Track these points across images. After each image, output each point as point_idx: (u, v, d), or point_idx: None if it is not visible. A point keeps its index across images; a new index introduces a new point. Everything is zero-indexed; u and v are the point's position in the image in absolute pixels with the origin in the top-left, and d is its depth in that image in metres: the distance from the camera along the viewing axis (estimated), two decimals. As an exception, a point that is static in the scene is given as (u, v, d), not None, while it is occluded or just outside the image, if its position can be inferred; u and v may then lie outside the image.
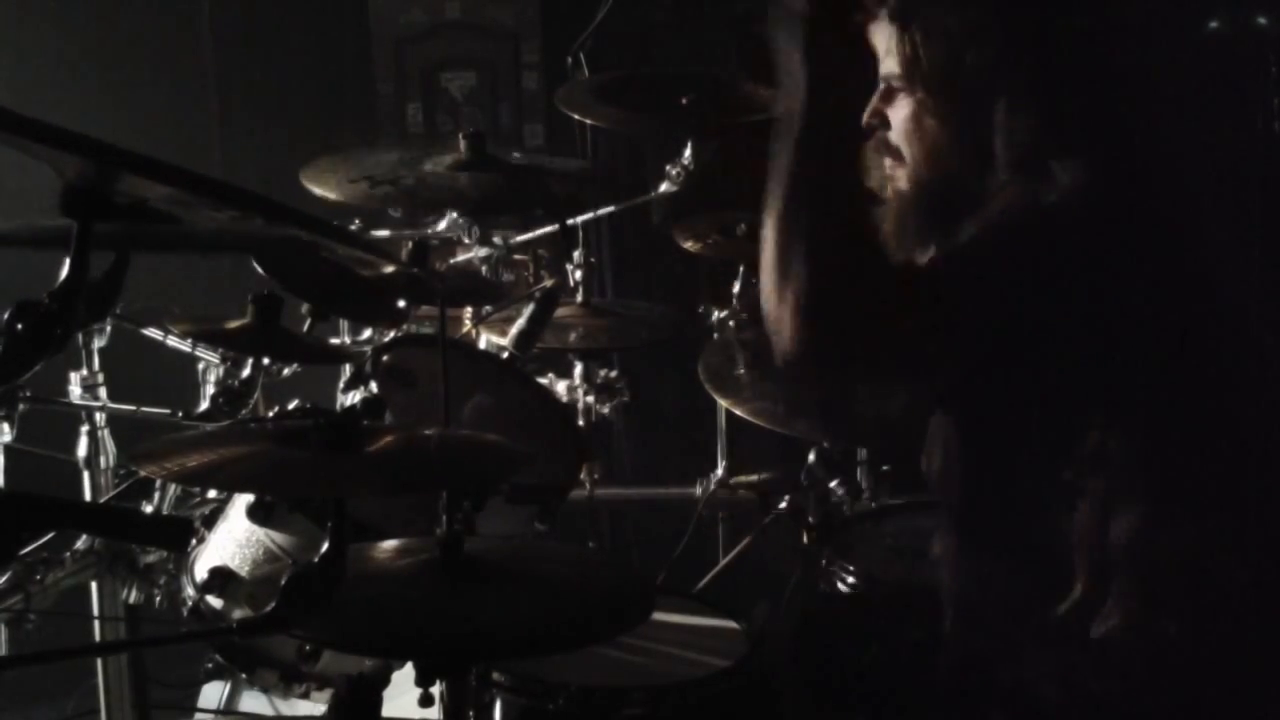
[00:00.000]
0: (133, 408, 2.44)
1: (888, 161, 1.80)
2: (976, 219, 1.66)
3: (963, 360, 1.62)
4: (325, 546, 1.38)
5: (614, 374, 3.28)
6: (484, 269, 3.11)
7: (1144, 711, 1.65)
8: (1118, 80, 1.71)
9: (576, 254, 3.16)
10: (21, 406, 2.31)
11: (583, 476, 3.12)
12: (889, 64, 1.76)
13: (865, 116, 1.78)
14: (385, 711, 1.68)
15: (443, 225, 3.08)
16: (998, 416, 1.65)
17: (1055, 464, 1.62)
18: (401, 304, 2.57)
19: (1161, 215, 1.68)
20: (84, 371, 2.43)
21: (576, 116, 3.20)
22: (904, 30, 1.73)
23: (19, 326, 1.20)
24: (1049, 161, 1.65)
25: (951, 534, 1.80)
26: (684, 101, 3.04)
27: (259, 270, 2.31)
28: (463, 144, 2.74)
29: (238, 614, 1.99)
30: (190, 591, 2.06)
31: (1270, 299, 1.77)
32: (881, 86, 1.78)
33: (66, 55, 3.97)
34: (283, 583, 1.35)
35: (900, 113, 1.76)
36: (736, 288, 3.13)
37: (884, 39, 1.75)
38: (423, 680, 1.57)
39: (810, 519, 2.79)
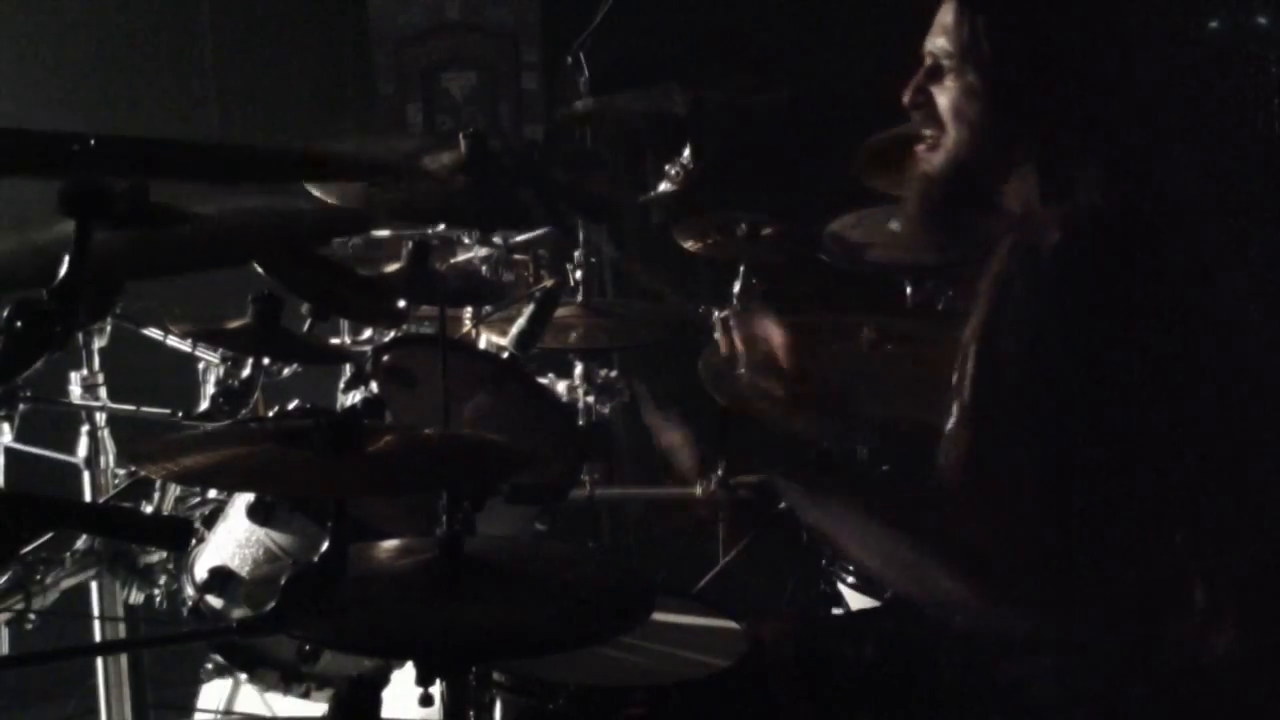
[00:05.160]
0: (133, 408, 2.44)
1: (922, 144, 1.80)
2: (999, 262, 1.67)
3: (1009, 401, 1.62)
4: (325, 546, 1.38)
5: (614, 374, 3.28)
6: (484, 269, 3.11)
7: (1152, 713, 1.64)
8: (1137, 81, 1.71)
9: (576, 254, 3.16)
10: (21, 406, 2.31)
11: (583, 476, 3.12)
12: (940, 40, 1.76)
13: (908, 94, 1.79)
14: (385, 711, 1.68)
15: (443, 225, 3.08)
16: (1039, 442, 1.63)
17: (1110, 489, 1.61)
18: (401, 304, 2.57)
19: (1172, 217, 1.68)
20: (84, 371, 2.43)
21: (579, 106, 3.19)
22: (966, 11, 1.73)
23: (18, 324, 1.19)
24: (1070, 162, 1.65)
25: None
26: (683, 102, 3.04)
27: (259, 270, 2.31)
28: (462, 144, 2.73)
29: (237, 614, 1.99)
30: (190, 591, 2.07)
31: (1271, 299, 1.76)
32: (928, 62, 1.78)
33: (66, 55, 3.97)
34: (282, 582, 1.35)
35: (947, 91, 1.77)
36: (736, 288, 3.12)
37: (944, 14, 1.76)
38: (423, 680, 1.57)
39: (810, 519, 2.78)
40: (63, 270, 1.23)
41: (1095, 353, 1.57)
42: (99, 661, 2.47)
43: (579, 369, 3.19)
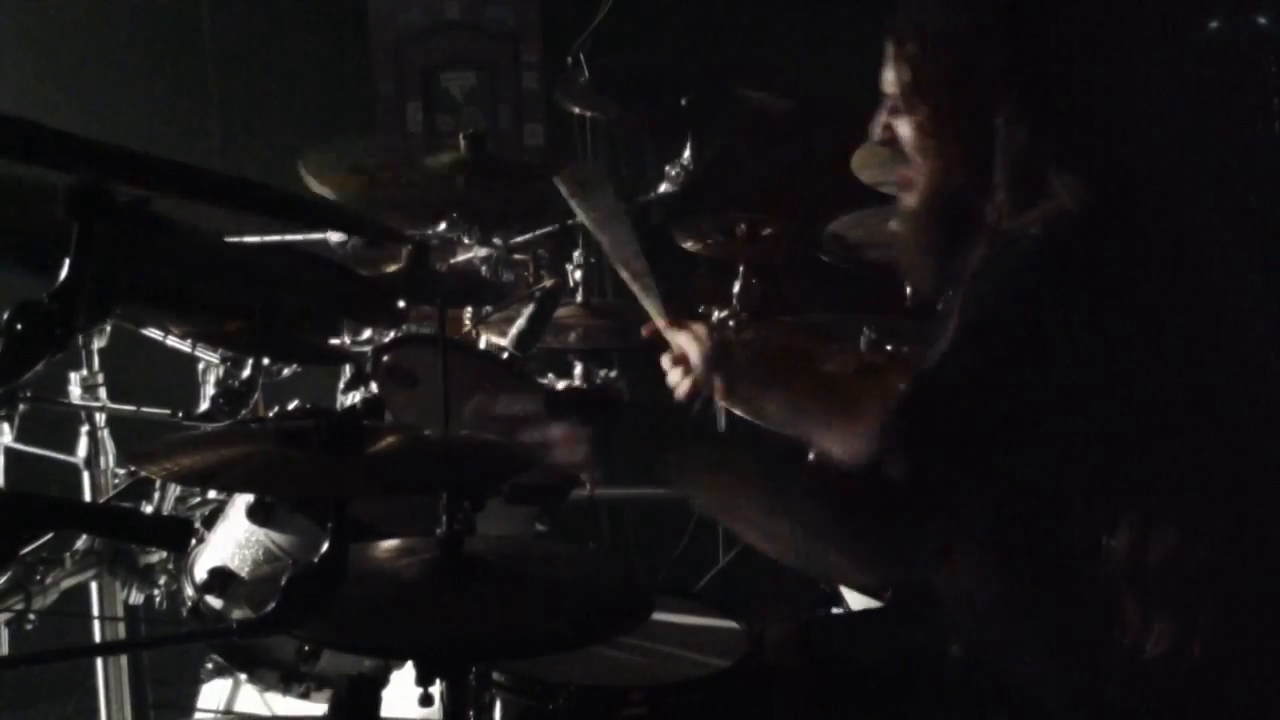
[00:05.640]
0: (133, 408, 2.44)
1: (899, 181, 1.80)
2: (966, 272, 1.67)
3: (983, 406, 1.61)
4: (325, 546, 1.38)
5: (614, 374, 3.28)
6: (484, 269, 3.11)
7: None
8: (1117, 86, 1.70)
9: (576, 254, 3.16)
10: (21, 406, 2.31)
11: (583, 476, 3.11)
12: (889, 78, 1.75)
13: (877, 132, 1.79)
14: (385, 711, 1.68)
15: (442, 225, 3.08)
16: (1024, 452, 1.62)
17: (1084, 491, 1.61)
18: (401, 304, 2.57)
19: (1165, 223, 1.67)
20: (84, 372, 2.43)
21: (576, 110, 3.20)
22: (900, 47, 1.73)
23: (19, 326, 1.19)
24: (1048, 175, 1.64)
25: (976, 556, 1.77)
26: (683, 102, 3.04)
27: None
28: (462, 144, 2.74)
29: (237, 614, 2.00)
30: (190, 592, 2.07)
31: (1272, 302, 1.76)
32: (888, 103, 1.77)
33: (67, 55, 3.97)
34: (282, 583, 1.35)
35: (904, 127, 1.76)
36: (736, 288, 3.12)
37: (888, 53, 1.75)
38: (423, 680, 1.57)
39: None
40: (64, 272, 1.22)
41: (1074, 355, 1.57)
42: (99, 661, 2.47)
43: (579, 369, 3.19)
